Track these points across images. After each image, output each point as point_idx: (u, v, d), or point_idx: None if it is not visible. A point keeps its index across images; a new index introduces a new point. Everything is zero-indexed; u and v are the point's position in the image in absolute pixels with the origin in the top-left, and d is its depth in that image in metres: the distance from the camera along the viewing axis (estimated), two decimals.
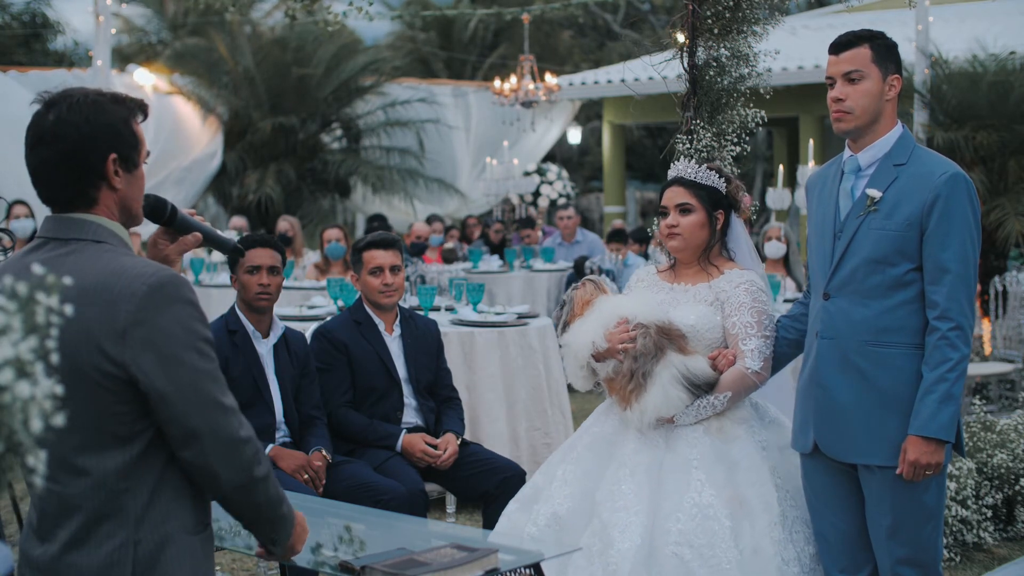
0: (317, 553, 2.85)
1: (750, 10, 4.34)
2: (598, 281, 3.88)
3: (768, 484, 3.54)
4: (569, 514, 3.60)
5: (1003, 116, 10.56)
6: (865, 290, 3.34)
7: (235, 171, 15.56)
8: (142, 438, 2.28)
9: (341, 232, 9.48)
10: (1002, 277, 8.98)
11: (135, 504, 2.27)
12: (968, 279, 3.25)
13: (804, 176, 8.06)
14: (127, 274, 2.24)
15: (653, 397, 3.55)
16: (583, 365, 3.73)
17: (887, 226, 3.30)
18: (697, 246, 3.79)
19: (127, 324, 2.20)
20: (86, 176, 2.32)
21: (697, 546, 3.38)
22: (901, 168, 3.34)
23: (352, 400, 4.84)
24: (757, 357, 3.63)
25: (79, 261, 2.28)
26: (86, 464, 2.25)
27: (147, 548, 2.28)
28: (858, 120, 3.37)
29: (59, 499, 2.28)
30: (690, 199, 3.77)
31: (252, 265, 4.58)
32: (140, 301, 2.21)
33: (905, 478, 3.26)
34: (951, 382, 3.20)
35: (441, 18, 22.32)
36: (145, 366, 2.21)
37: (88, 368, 2.20)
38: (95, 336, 2.20)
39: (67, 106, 2.31)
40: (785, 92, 13.66)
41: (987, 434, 5.49)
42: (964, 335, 3.23)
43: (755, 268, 3.89)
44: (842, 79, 3.38)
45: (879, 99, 3.36)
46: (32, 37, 20.41)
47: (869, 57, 3.36)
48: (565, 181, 17.42)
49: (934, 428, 3.20)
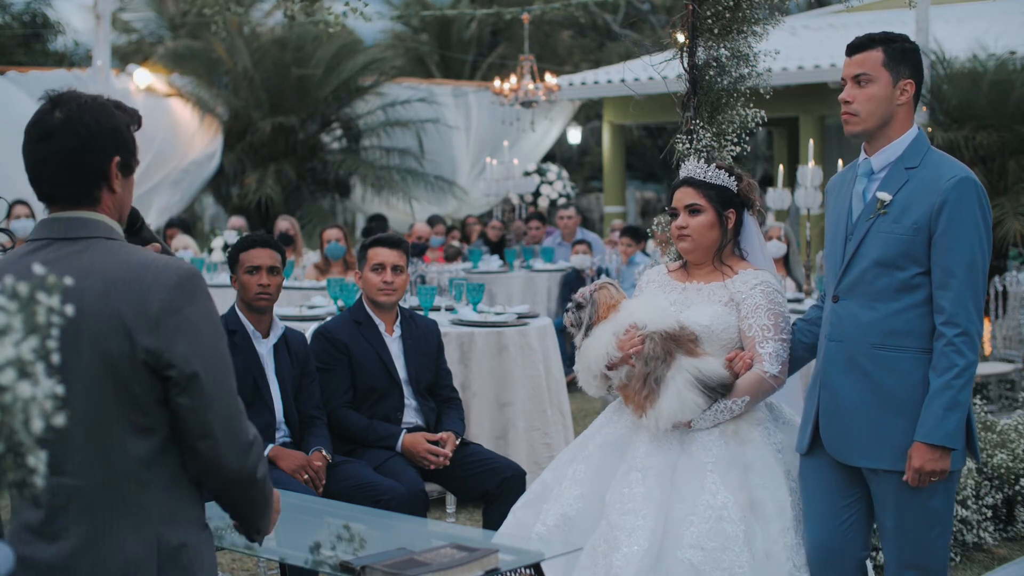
0: (317, 553, 2.85)
1: (750, 10, 4.34)
2: (616, 284, 3.85)
3: (783, 488, 3.52)
4: (579, 515, 3.58)
5: (1003, 116, 10.57)
6: (873, 293, 3.33)
7: (235, 171, 15.57)
8: (163, 429, 2.32)
9: (341, 232, 9.47)
10: (1002, 277, 8.99)
11: (156, 498, 2.30)
12: (976, 284, 3.23)
13: (804, 176, 8.05)
14: (155, 266, 2.31)
15: (668, 402, 3.51)
16: (596, 375, 3.70)
17: (896, 229, 3.29)
18: (708, 247, 3.75)
19: (161, 312, 2.26)
20: (91, 175, 2.36)
21: (709, 549, 3.35)
22: (912, 171, 3.33)
23: (352, 400, 4.84)
24: (775, 361, 3.61)
25: (98, 256, 2.31)
26: (114, 454, 2.27)
27: (170, 543, 2.31)
28: (864, 123, 3.36)
29: (78, 493, 2.26)
30: (699, 199, 3.73)
31: (252, 265, 4.58)
32: (172, 291, 2.28)
33: (911, 484, 3.25)
34: (957, 389, 3.19)
35: (438, 18, 22.30)
36: (181, 350, 2.27)
37: (119, 358, 2.25)
38: (128, 326, 2.25)
39: (76, 105, 2.35)
40: (785, 92, 13.65)
41: (987, 434, 5.49)
42: (971, 341, 3.21)
43: (767, 267, 3.86)
44: (852, 81, 3.38)
45: (887, 103, 3.35)
46: (32, 37, 20.40)
47: (880, 60, 3.35)
48: (565, 181, 17.42)
49: (940, 435, 3.19)
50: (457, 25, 23.91)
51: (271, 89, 15.70)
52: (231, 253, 4.68)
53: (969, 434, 3.31)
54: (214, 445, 2.32)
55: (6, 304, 1.33)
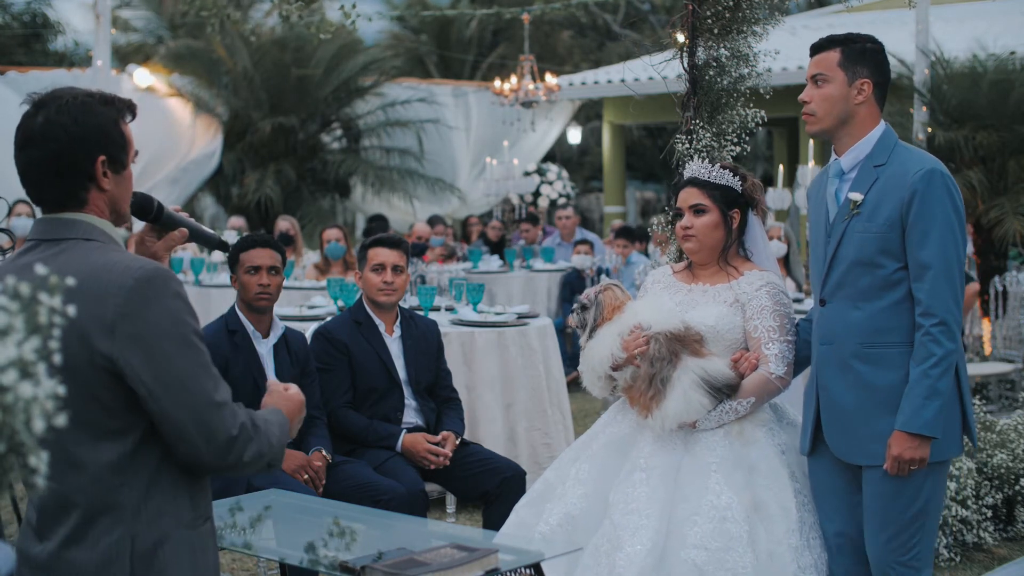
0: (316, 553, 2.85)
1: (750, 10, 4.35)
2: (621, 285, 3.85)
3: (787, 489, 3.52)
4: (582, 514, 3.58)
5: (1003, 116, 10.57)
6: (857, 293, 3.36)
7: (234, 171, 15.57)
8: (135, 431, 2.28)
9: (341, 232, 9.47)
10: (1002, 277, 8.99)
11: (131, 499, 2.28)
12: (952, 274, 3.25)
13: (804, 176, 8.07)
14: (115, 268, 2.24)
15: (674, 403, 3.51)
16: (601, 376, 3.70)
17: (870, 228, 3.33)
18: (713, 247, 3.75)
19: (115, 318, 2.20)
20: (75, 177, 2.33)
21: (713, 549, 3.35)
22: (881, 168, 3.37)
23: (352, 400, 4.84)
24: (780, 362, 3.61)
25: (69, 259, 2.29)
26: (82, 459, 2.26)
27: (145, 543, 2.28)
28: (821, 123, 3.43)
29: (56, 496, 2.28)
30: (703, 199, 3.73)
31: (252, 265, 4.58)
32: (128, 294, 2.21)
33: (890, 473, 3.27)
34: (935, 378, 3.21)
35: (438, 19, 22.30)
36: (133, 360, 2.21)
37: (80, 363, 2.20)
38: (85, 331, 2.20)
39: (56, 108, 2.31)
40: (785, 92, 13.58)
41: (987, 434, 5.49)
42: (949, 330, 3.24)
43: (771, 268, 3.85)
44: (810, 81, 3.46)
45: (843, 102, 3.39)
46: (32, 37, 20.41)
47: (836, 60, 3.41)
48: (565, 181, 17.42)
49: (918, 424, 3.21)
50: (457, 25, 23.91)
51: (271, 89, 15.70)
52: (232, 253, 4.68)
53: (966, 423, 3.34)
54: (192, 446, 2.27)
55: (8, 304, 1.33)
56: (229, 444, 2.29)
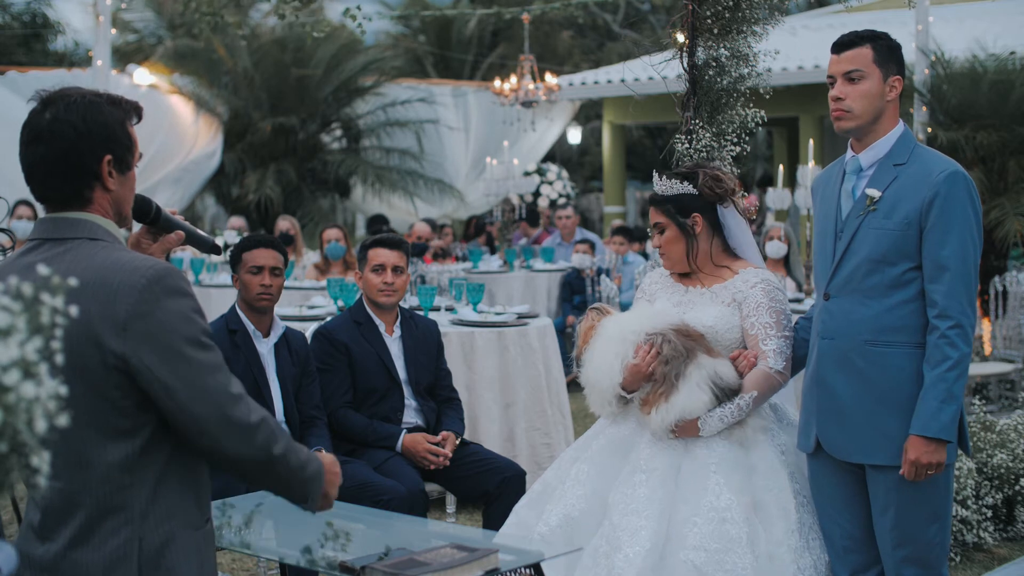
0: (316, 553, 2.85)
1: (750, 10, 4.34)
2: (601, 307, 3.84)
3: (787, 490, 3.52)
4: (582, 515, 3.57)
5: (1003, 116, 10.55)
6: (865, 289, 3.35)
7: (235, 171, 15.56)
8: (144, 431, 2.28)
9: (341, 232, 9.47)
10: (1002, 277, 8.99)
11: (139, 499, 2.28)
12: (968, 277, 3.25)
13: (804, 176, 8.06)
14: (125, 268, 2.25)
15: (681, 397, 3.52)
16: (611, 401, 3.67)
17: (886, 225, 3.31)
18: (680, 259, 3.78)
19: (127, 317, 2.21)
20: (81, 176, 2.33)
21: (712, 550, 3.35)
22: (901, 168, 3.36)
23: (352, 400, 4.84)
24: (779, 357, 3.62)
25: (75, 258, 2.28)
26: (91, 458, 2.26)
27: (152, 544, 2.28)
28: (858, 119, 3.39)
29: (62, 496, 2.28)
30: (659, 217, 3.79)
31: (255, 265, 4.59)
32: (139, 294, 2.22)
33: (907, 478, 3.26)
34: (951, 381, 3.20)
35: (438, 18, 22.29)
36: (147, 359, 2.21)
37: (90, 362, 2.21)
38: (96, 330, 2.20)
39: (64, 105, 2.32)
40: (785, 92, 13.65)
41: (987, 434, 5.49)
42: (964, 333, 3.23)
43: (754, 259, 3.85)
44: (842, 78, 3.40)
45: (879, 99, 3.38)
46: (32, 37, 20.40)
47: (870, 57, 3.38)
48: (565, 181, 17.42)
49: (935, 428, 3.20)
50: (457, 25, 23.90)
51: (271, 89, 15.69)
52: (234, 252, 4.69)
53: (960, 429, 3.33)
54: (214, 440, 2.27)
55: (10, 304, 1.33)
56: (251, 431, 2.28)
